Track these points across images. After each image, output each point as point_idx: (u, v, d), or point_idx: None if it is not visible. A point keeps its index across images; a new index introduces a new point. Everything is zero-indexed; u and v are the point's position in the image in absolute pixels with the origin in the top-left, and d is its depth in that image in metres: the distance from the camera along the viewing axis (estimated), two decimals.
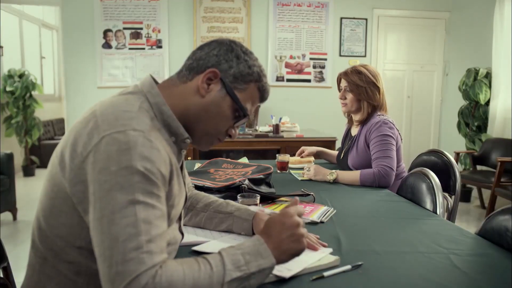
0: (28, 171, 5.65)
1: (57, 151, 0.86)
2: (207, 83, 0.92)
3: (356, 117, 2.12)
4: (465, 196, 4.48)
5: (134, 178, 0.74)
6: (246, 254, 0.79)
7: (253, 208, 1.20)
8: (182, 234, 1.04)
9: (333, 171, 1.92)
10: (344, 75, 2.08)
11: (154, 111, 0.89)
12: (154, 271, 0.70)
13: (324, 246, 1.08)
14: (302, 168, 2.29)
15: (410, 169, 2.02)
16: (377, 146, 1.93)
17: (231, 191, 1.51)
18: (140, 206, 0.74)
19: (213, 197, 1.25)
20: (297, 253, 0.83)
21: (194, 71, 0.93)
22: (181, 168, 1.01)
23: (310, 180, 1.96)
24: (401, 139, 2.03)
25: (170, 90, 0.93)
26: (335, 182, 1.91)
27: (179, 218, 1.02)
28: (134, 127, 0.79)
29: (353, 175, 1.89)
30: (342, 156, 2.17)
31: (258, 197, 1.34)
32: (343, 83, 2.09)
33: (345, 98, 2.08)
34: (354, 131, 2.16)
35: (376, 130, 1.96)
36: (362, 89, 2.02)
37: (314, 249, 1.03)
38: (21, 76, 5.44)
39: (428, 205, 1.60)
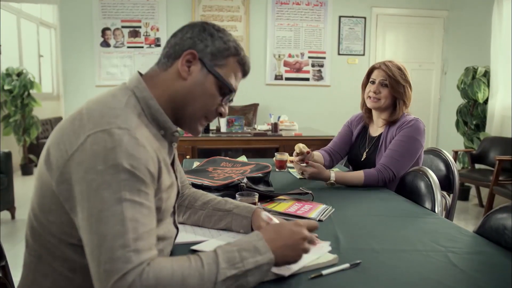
0: (26, 170, 5.64)
1: (44, 149, 0.86)
2: (187, 66, 0.93)
3: (383, 115, 1.93)
4: (464, 195, 4.49)
5: (120, 176, 0.75)
6: (243, 250, 0.79)
7: (262, 215, 1.17)
8: (177, 228, 1.04)
9: (332, 179, 1.74)
10: (385, 66, 1.88)
11: (141, 106, 0.89)
12: (141, 269, 0.70)
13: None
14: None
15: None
16: (397, 144, 1.80)
17: (229, 189, 1.51)
18: (127, 204, 0.74)
19: (211, 195, 1.25)
20: (293, 262, 0.87)
21: (172, 57, 0.94)
22: (173, 162, 1.01)
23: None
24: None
25: (153, 81, 0.94)
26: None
27: (173, 213, 1.01)
28: (119, 125, 0.79)
29: (356, 180, 1.76)
30: (363, 158, 1.96)
31: (257, 196, 1.33)
32: (379, 76, 1.89)
33: (379, 92, 1.88)
34: (376, 131, 1.98)
35: (408, 128, 1.81)
36: (401, 87, 1.86)
37: (313, 243, 1.03)
38: (19, 74, 5.42)
39: (427, 203, 1.60)
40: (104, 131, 0.77)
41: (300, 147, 1.72)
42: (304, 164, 1.76)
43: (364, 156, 1.97)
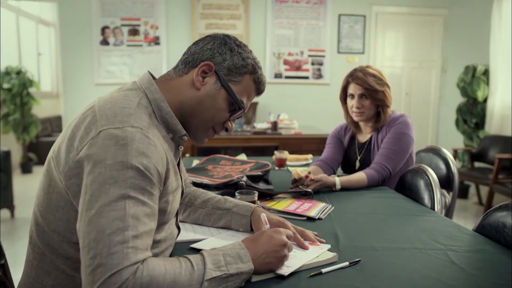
0: (25, 168, 5.64)
1: (54, 146, 0.87)
2: (202, 76, 0.94)
3: (370, 123, 1.94)
4: (463, 193, 4.49)
5: (128, 173, 0.75)
6: (227, 255, 0.81)
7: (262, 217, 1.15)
8: (179, 228, 1.05)
9: (338, 186, 1.70)
10: (359, 79, 1.84)
11: (152, 108, 0.90)
12: (136, 267, 0.70)
13: (322, 242, 1.08)
14: (300, 166, 2.29)
15: None
16: (389, 142, 1.82)
17: (229, 188, 1.51)
18: (131, 201, 0.74)
19: (211, 194, 1.25)
20: (274, 269, 0.87)
21: (189, 65, 0.95)
22: (178, 163, 1.01)
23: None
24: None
25: (166, 84, 0.95)
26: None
27: (176, 214, 1.02)
28: (132, 124, 0.80)
29: (361, 184, 1.75)
30: (358, 167, 1.95)
31: (256, 194, 1.33)
32: (356, 89, 1.85)
33: (362, 106, 1.86)
34: (365, 137, 1.98)
35: (397, 125, 1.83)
36: (380, 94, 1.83)
37: (313, 243, 1.04)
38: (18, 73, 5.42)
39: (426, 201, 1.60)
40: (117, 128, 0.78)
41: (297, 172, 1.70)
42: (306, 186, 1.63)
43: (358, 164, 1.97)
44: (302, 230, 1.08)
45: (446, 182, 1.93)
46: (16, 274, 1.03)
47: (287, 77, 5.26)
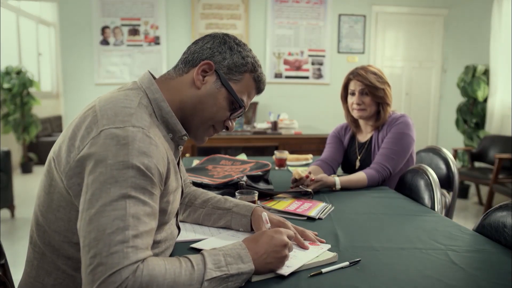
0: (26, 168, 5.64)
1: (55, 146, 0.87)
2: (202, 75, 0.94)
3: (370, 122, 1.94)
4: (463, 193, 4.49)
5: (129, 173, 0.75)
6: (228, 256, 0.81)
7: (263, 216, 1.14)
8: (179, 228, 1.05)
9: (338, 186, 1.70)
10: (359, 76, 1.86)
11: (152, 107, 0.90)
12: (136, 266, 0.70)
13: (322, 242, 1.08)
14: (300, 165, 2.29)
15: None
16: (390, 142, 1.81)
17: (229, 187, 1.51)
18: (131, 201, 0.74)
19: (211, 194, 1.25)
20: (274, 269, 0.87)
21: (189, 64, 0.95)
22: (178, 163, 1.01)
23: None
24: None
25: (167, 84, 0.95)
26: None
27: (176, 214, 1.02)
28: (133, 123, 0.80)
29: (361, 184, 1.75)
30: (358, 167, 1.95)
31: (256, 194, 1.33)
32: (357, 86, 1.87)
33: (362, 103, 1.87)
34: (365, 136, 1.98)
35: (398, 125, 1.83)
36: (381, 91, 1.85)
37: (313, 243, 1.04)
38: (18, 73, 5.42)
39: (426, 201, 1.60)
40: (118, 128, 0.78)
41: (298, 172, 1.71)
42: (306, 186, 1.63)
43: (358, 164, 1.97)
44: (302, 230, 1.08)
45: (446, 182, 1.93)
46: (17, 274, 1.03)
47: (287, 77, 5.26)
